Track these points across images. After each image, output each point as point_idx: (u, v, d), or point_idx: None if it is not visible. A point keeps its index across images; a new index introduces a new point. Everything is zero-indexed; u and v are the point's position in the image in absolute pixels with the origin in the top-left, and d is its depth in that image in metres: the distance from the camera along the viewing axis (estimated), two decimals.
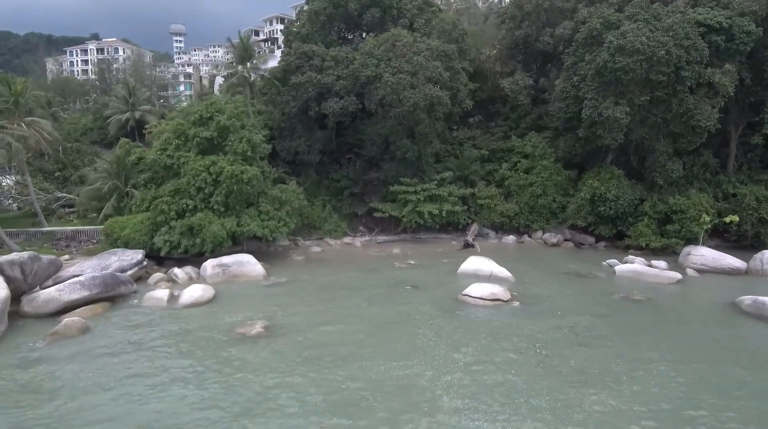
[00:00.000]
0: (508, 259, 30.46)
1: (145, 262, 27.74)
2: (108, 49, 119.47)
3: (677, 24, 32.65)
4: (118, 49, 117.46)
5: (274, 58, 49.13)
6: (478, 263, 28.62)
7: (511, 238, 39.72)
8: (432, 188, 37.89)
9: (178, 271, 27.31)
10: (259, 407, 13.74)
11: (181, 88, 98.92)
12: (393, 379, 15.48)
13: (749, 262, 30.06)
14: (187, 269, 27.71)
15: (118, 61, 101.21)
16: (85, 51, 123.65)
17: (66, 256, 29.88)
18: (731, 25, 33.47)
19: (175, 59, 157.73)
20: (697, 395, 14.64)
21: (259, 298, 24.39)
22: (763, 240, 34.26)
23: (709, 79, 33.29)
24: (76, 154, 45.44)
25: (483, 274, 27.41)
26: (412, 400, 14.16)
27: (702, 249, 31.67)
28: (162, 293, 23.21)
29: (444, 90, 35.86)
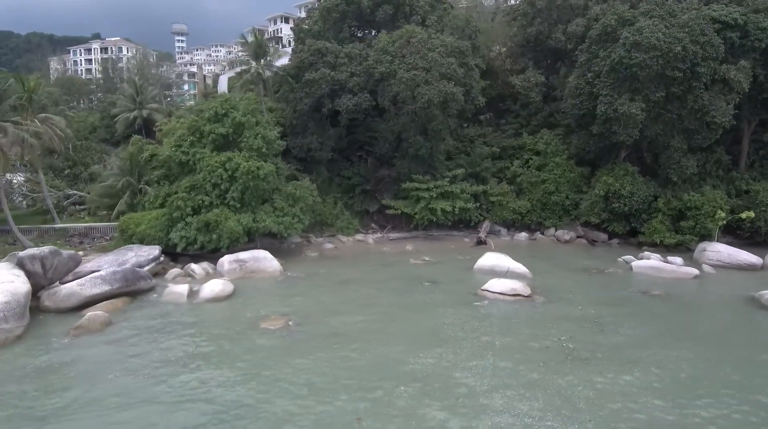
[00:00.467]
0: (523, 256, 30.32)
1: (161, 258, 27.64)
2: (112, 48, 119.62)
3: (693, 20, 32.61)
4: (122, 49, 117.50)
5: (285, 55, 48.95)
6: (495, 259, 28.50)
7: (524, 235, 39.60)
8: (444, 185, 37.74)
9: (195, 267, 27.21)
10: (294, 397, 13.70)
11: (185, 87, 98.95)
12: (423, 367, 15.61)
13: (765, 258, 30.16)
14: (204, 265, 27.61)
15: (122, 61, 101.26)
16: (89, 50, 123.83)
17: (81, 253, 29.77)
18: (746, 21, 33.42)
19: (177, 59, 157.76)
20: (744, 388, 14.60)
21: (278, 293, 24.36)
22: None
23: (723, 76, 33.18)
24: (85, 151, 45.39)
25: (500, 270, 27.27)
26: (447, 393, 14.07)
27: (718, 245, 31.64)
28: (182, 288, 23.11)
29: (458, 86, 35.77)
